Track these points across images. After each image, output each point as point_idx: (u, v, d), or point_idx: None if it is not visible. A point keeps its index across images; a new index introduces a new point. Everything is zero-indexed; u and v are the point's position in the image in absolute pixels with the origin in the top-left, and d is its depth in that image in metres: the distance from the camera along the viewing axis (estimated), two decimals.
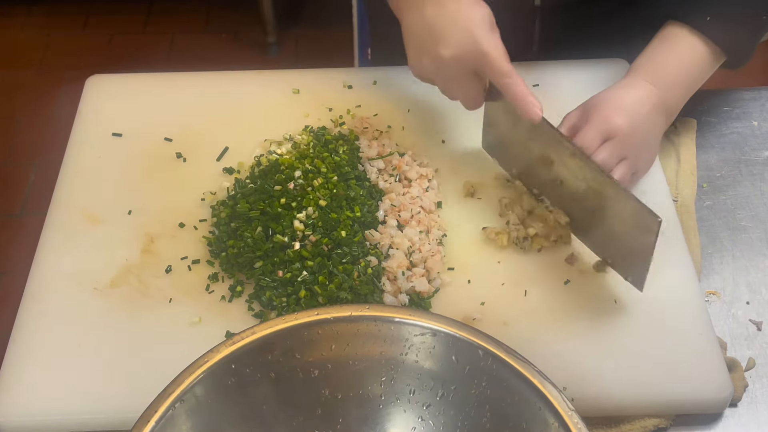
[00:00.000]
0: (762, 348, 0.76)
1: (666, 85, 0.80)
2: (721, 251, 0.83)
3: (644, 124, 0.79)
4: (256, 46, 2.41)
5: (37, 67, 2.39)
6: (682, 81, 0.82)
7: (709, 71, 0.83)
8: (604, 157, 0.76)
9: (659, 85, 0.80)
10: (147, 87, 0.97)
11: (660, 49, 0.82)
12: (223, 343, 0.60)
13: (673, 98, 0.82)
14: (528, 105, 0.75)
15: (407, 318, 0.62)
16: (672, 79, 0.81)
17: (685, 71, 0.81)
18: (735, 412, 0.72)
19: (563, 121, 0.81)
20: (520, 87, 0.76)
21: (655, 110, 0.80)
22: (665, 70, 0.81)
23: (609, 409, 0.70)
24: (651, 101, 0.79)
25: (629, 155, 0.78)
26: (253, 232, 0.78)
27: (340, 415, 0.64)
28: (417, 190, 0.84)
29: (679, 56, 0.81)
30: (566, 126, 0.80)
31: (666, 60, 0.81)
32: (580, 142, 0.77)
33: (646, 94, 0.80)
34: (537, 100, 0.76)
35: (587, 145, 0.76)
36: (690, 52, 0.81)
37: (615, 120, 0.77)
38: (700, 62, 0.81)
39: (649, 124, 0.80)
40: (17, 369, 0.72)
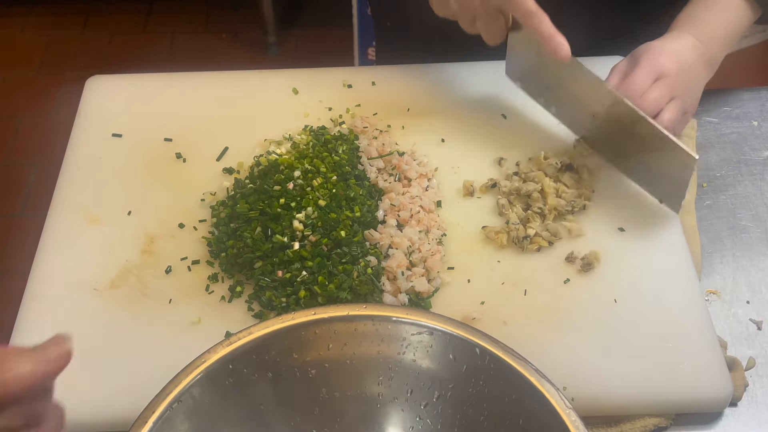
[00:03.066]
0: (762, 347, 0.76)
1: (708, 40, 0.83)
2: (721, 251, 0.83)
3: (690, 69, 0.81)
4: (256, 46, 2.41)
5: (37, 67, 2.39)
6: (722, 35, 0.84)
7: (747, 25, 0.86)
8: (656, 95, 0.78)
9: (701, 38, 0.83)
10: (147, 87, 0.97)
11: (701, 6, 0.85)
12: (220, 343, 0.60)
13: (715, 52, 0.84)
14: (555, 44, 0.77)
15: (405, 317, 0.62)
16: (713, 34, 0.84)
17: (724, 26, 0.84)
18: (735, 411, 0.72)
19: (612, 71, 0.83)
20: (546, 25, 0.76)
21: (698, 61, 0.82)
22: (706, 25, 0.84)
23: (609, 408, 0.70)
24: (696, 52, 0.82)
25: (679, 95, 0.80)
26: (253, 232, 0.78)
27: (338, 414, 0.64)
28: (417, 189, 0.84)
29: (719, 12, 0.84)
30: (616, 74, 0.82)
31: (706, 15, 0.84)
32: (631, 82, 0.79)
33: (690, 45, 0.82)
34: (564, 39, 0.77)
35: (638, 84, 0.78)
36: (728, 6, 0.84)
37: (665, 62, 0.80)
38: (738, 16, 0.85)
39: (694, 71, 0.82)
40: None
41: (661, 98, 0.79)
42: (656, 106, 0.78)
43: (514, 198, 0.83)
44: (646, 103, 0.78)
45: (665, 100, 0.79)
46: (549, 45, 0.77)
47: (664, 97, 0.79)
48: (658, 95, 0.78)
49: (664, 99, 0.79)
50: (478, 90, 0.94)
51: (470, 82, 0.95)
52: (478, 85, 0.95)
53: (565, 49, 0.77)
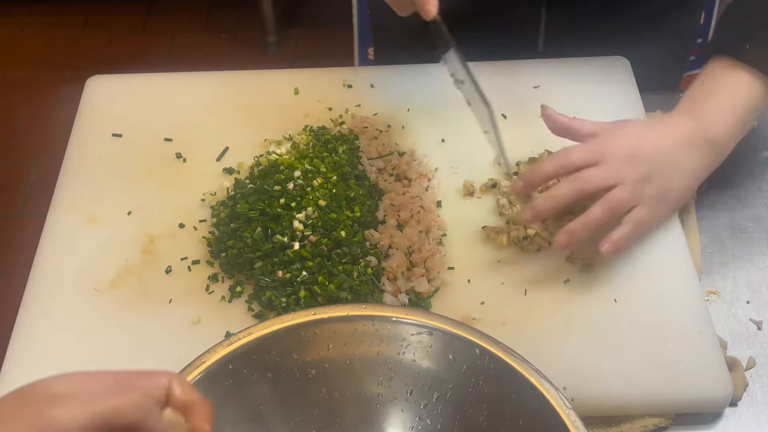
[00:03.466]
0: (762, 347, 0.76)
1: (706, 116, 0.77)
2: (721, 250, 0.83)
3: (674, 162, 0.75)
4: (256, 46, 2.41)
5: (37, 67, 2.39)
6: (726, 112, 0.77)
7: (761, 98, 0.78)
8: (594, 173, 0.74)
9: (697, 116, 0.77)
10: (147, 87, 0.97)
11: (700, 83, 0.79)
12: (220, 343, 0.60)
13: (717, 128, 0.77)
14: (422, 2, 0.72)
15: (404, 317, 0.62)
16: (713, 109, 0.77)
17: (729, 102, 0.77)
18: (735, 411, 0.72)
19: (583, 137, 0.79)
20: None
21: (688, 143, 0.76)
22: (705, 102, 0.77)
23: (609, 408, 0.70)
24: (685, 133, 0.76)
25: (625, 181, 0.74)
26: (253, 232, 0.78)
27: (338, 414, 0.64)
28: (417, 189, 0.84)
29: (721, 87, 0.78)
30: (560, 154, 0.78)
31: (705, 91, 0.78)
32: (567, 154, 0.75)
33: (681, 126, 0.76)
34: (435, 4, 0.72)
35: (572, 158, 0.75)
36: (734, 82, 0.77)
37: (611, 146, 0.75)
38: (746, 93, 0.77)
39: (681, 164, 0.76)
40: (17, 369, 0.72)
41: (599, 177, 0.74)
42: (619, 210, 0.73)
43: (514, 198, 0.83)
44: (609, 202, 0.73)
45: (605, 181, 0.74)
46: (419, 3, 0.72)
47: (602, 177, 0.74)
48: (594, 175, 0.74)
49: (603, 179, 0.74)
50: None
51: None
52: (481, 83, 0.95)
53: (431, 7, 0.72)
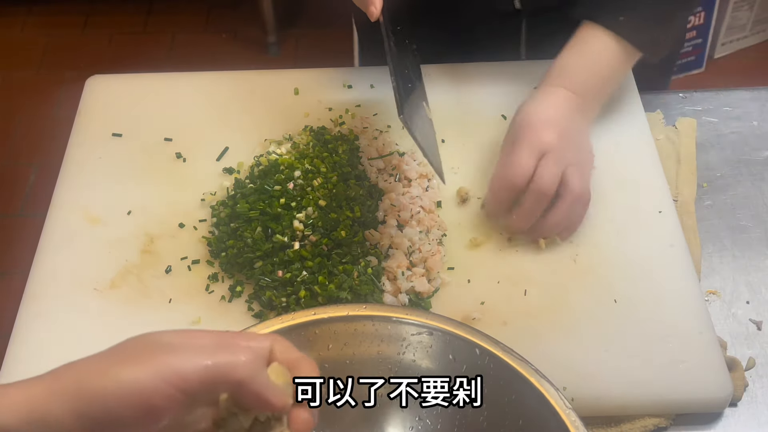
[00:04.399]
0: (762, 347, 0.76)
1: (581, 90, 0.82)
2: (721, 251, 0.83)
3: (569, 130, 0.80)
4: (256, 46, 2.41)
5: (37, 67, 2.39)
6: (596, 83, 0.83)
7: (625, 68, 0.85)
8: (548, 174, 0.76)
9: (574, 89, 0.82)
10: (147, 87, 0.97)
11: (573, 54, 0.84)
12: None
13: (590, 101, 0.83)
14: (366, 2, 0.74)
15: (404, 317, 0.62)
16: (586, 83, 0.82)
17: (598, 72, 0.83)
18: (735, 411, 0.72)
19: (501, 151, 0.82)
20: None
21: (574, 114, 0.81)
22: (579, 76, 0.82)
23: (609, 408, 0.70)
24: (570, 107, 0.81)
25: (570, 161, 0.78)
26: (253, 232, 0.78)
27: (338, 414, 0.64)
28: (417, 189, 0.84)
29: (592, 59, 0.83)
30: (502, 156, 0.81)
31: (578, 64, 0.83)
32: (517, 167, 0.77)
33: (563, 101, 0.81)
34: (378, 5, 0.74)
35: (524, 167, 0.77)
36: (603, 53, 0.83)
37: (544, 137, 0.78)
38: (614, 62, 0.83)
39: (573, 129, 0.81)
40: (17, 369, 0.72)
41: (555, 175, 0.77)
42: (553, 183, 0.76)
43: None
44: (543, 184, 0.76)
45: (559, 174, 0.77)
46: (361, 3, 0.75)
47: (556, 172, 0.77)
48: (549, 173, 0.76)
49: (558, 173, 0.77)
50: (478, 90, 0.94)
51: (470, 82, 0.95)
52: (478, 85, 0.95)
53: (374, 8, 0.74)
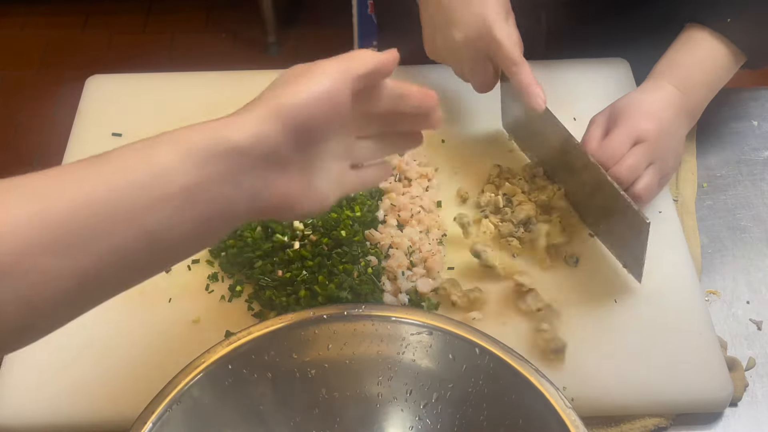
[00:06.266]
0: (762, 347, 0.76)
1: (689, 88, 0.81)
2: (721, 251, 0.83)
3: (670, 127, 0.79)
4: (256, 46, 2.41)
5: (37, 67, 2.39)
6: (704, 83, 0.82)
7: (730, 72, 0.83)
8: (632, 162, 0.75)
9: (682, 87, 0.80)
10: (147, 87, 0.97)
11: (682, 52, 0.82)
12: (219, 343, 0.60)
13: (696, 100, 0.82)
14: (532, 95, 0.76)
15: (404, 317, 0.62)
16: (694, 82, 0.81)
17: (706, 74, 0.82)
18: (735, 411, 0.72)
19: (590, 124, 0.81)
20: (526, 76, 0.77)
21: (678, 113, 0.80)
22: (687, 73, 0.81)
23: (609, 409, 0.70)
24: (675, 104, 0.80)
25: (657, 159, 0.78)
26: (253, 231, 0.78)
27: (338, 414, 0.64)
28: (417, 189, 0.84)
29: (701, 59, 0.82)
30: (593, 131, 0.79)
31: (688, 63, 0.82)
32: (608, 146, 0.76)
33: (670, 97, 0.80)
34: (542, 90, 0.77)
35: (615, 148, 0.76)
36: (711, 54, 0.81)
37: (643, 124, 0.77)
38: (721, 64, 0.82)
39: (674, 127, 0.80)
40: (17, 369, 0.72)
41: (639, 165, 0.76)
42: (633, 174, 0.76)
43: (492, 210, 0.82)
44: (623, 170, 0.75)
45: (643, 167, 0.77)
46: (526, 95, 0.77)
47: (642, 163, 0.76)
48: (634, 162, 0.76)
49: (642, 165, 0.76)
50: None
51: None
52: None
53: (540, 100, 0.76)
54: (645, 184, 0.76)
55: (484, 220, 0.81)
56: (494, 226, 0.80)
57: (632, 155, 0.76)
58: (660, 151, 0.78)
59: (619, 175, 0.75)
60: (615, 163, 0.76)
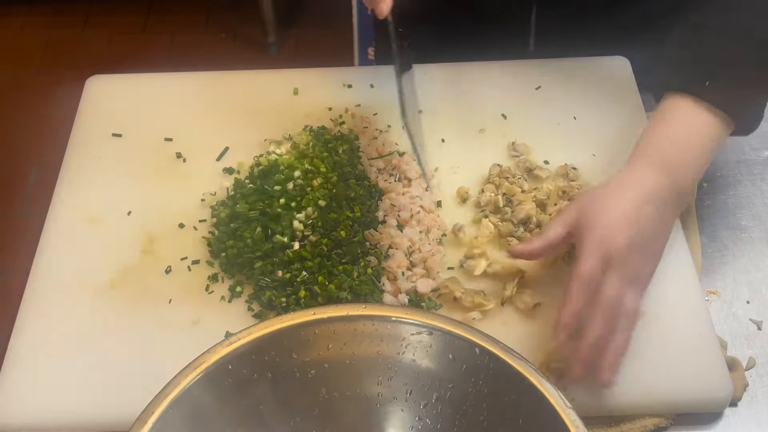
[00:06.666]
0: (762, 347, 0.76)
1: (676, 170, 0.71)
2: (721, 250, 0.83)
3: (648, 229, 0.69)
4: (256, 46, 2.41)
5: (37, 67, 2.39)
6: (692, 160, 0.72)
7: (721, 142, 0.73)
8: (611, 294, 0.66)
9: (667, 170, 0.70)
10: (147, 87, 0.97)
11: (662, 126, 0.73)
12: (219, 343, 0.60)
13: (685, 182, 0.72)
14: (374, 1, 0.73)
15: (404, 317, 0.62)
16: (681, 161, 0.71)
17: (694, 149, 0.72)
18: (735, 411, 0.72)
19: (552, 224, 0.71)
20: None
21: (663, 203, 0.70)
22: (672, 151, 0.71)
23: (609, 408, 0.70)
24: (657, 194, 0.70)
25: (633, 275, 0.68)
26: (253, 232, 0.78)
27: (338, 414, 0.64)
28: (417, 189, 0.84)
29: (685, 132, 0.72)
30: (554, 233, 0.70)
31: (670, 138, 0.72)
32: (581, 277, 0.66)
33: (651, 186, 0.69)
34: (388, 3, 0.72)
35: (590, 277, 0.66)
36: (696, 124, 0.72)
37: (615, 239, 0.67)
38: (708, 135, 0.72)
39: (655, 223, 0.69)
40: (17, 369, 0.72)
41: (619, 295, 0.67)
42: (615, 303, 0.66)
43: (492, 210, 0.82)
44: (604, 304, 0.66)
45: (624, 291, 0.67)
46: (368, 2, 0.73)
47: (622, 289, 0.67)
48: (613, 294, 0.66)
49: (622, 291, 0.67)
50: (479, 90, 0.94)
51: (470, 82, 0.95)
52: (479, 85, 0.95)
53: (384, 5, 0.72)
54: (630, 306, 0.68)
55: (484, 219, 0.81)
56: (494, 225, 0.80)
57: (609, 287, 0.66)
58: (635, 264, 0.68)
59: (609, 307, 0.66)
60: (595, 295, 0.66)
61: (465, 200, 0.84)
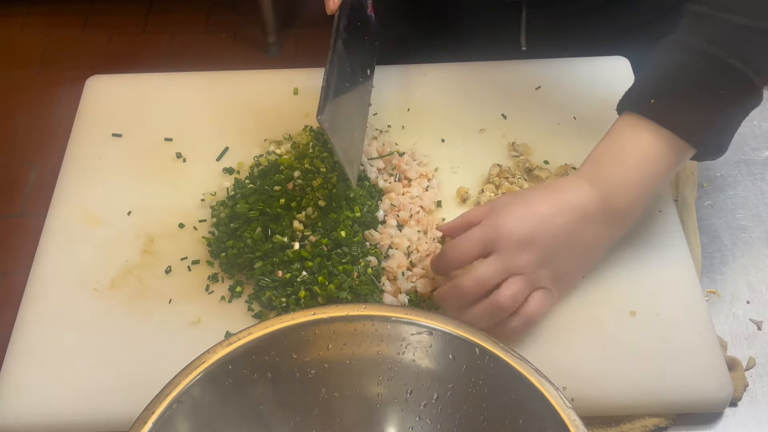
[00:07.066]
0: (762, 347, 0.76)
1: (611, 187, 0.69)
2: (721, 250, 0.83)
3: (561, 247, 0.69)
4: (256, 46, 2.41)
5: (37, 67, 2.39)
6: (631, 179, 0.69)
7: (672, 162, 0.70)
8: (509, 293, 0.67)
9: (602, 187, 0.69)
10: (147, 87, 0.97)
11: (604, 142, 0.72)
12: (219, 343, 0.60)
13: (623, 201, 0.69)
14: None
15: (404, 317, 0.62)
16: (617, 179, 0.69)
17: (631, 165, 0.69)
18: (735, 411, 0.72)
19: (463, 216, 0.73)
20: None
21: (588, 217, 0.69)
22: (605, 166, 0.70)
23: (609, 408, 0.70)
24: (579, 206, 0.69)
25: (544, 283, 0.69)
26: (253, 232, 0.78)
27: (338, 414, 0.64)
28: (417, 189, 0.84)
29: (623, 149, 0.70)
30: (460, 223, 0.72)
31: (609, 154, 0.71)
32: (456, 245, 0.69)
33: (573, 197, 0.69)
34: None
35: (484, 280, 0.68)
36: (636, 142, 0.69)
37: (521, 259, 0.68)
38: (653, 153, 0.69)
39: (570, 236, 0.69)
40: (17, 369, 0.72)
41: (519, 296, 0.68)
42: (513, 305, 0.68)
43: None
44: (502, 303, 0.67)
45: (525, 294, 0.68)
46: None
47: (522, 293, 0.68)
48: (512, 293, 0.67)
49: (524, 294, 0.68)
50: (479, 90, 0.94)
51: (470, 82, 0.95)
52: (479, 85, 0.95)
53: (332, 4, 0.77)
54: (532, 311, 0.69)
55: None
56: None
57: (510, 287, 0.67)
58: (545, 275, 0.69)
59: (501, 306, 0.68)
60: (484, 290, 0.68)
61: (465, 200, 0.84)
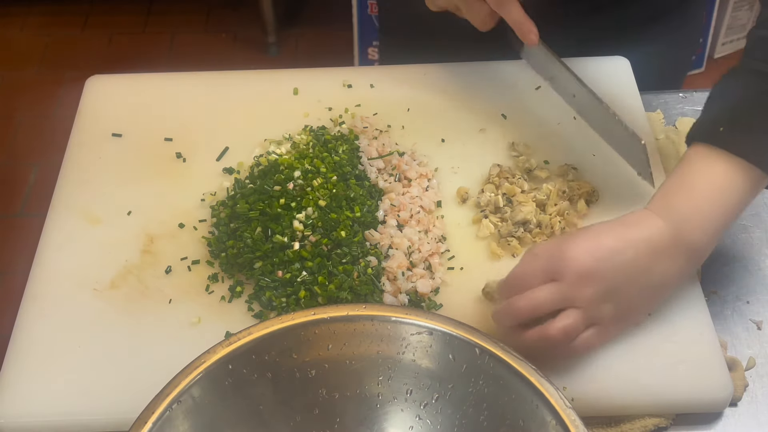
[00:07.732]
0: (762, 347, 0.76)
1: (681, 219, 0.67)
2: (721, 250, 0.83)
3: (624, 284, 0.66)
4: (256, 46, 2.41)
5: (37, 67, 2.39)
6: (703, 210, 0.67)
7: (746, 191, 0.67)
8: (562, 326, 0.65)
9: (672, 219, 0.67)
10: (147, 87, 0.97)
11: (675, 174, 0.69)
12: (219, 343, 0.60)
13: (693, 231, 0.67)
14: (524, 32, 0.80)
15: (404, 317, 0.62)
16: (687, 209, 0.67)
17: (703, 198, 0.67)
18: (735, 411, 0.72)
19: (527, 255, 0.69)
20: (516, 13, 0.79)
21: (657, 251, 0.67)
22: (677, 199, 0.67)
23: (609, 408, 0.70)
24: (654, 239, 0.66)
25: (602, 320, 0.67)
26: (253, 232, 0.78)
27: (338, 414, 0.64)
28: (417, 189, 0.84)
29: (697, 181, 0.67)
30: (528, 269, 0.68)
31: (681, 187, 0.68)
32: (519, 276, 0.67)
33: (649, 231, 0.67)
34: (533, 25, 0.80)
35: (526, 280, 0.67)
36: (708, 173, 0.67)
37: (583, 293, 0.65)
38: (725, 183, 0.66)
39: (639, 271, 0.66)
40: (17, 369, 0.72)
41: (573, 331, 0.66)
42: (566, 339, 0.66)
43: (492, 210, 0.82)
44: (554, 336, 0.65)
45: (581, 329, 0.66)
46: (519, 31, 0.79)
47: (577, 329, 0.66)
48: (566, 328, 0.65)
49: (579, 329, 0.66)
50: (478, 90, 0.94)
51: (470, 82, 0.95)
52: (479, 85, 0.95)
53: (533, 35, 0.80)
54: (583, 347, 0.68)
55: (484, 220, 0.81)
56: (494, 226, 0.80)
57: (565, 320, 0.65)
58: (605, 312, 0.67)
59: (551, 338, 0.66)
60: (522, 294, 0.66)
61: (465, 200, 0.84)
